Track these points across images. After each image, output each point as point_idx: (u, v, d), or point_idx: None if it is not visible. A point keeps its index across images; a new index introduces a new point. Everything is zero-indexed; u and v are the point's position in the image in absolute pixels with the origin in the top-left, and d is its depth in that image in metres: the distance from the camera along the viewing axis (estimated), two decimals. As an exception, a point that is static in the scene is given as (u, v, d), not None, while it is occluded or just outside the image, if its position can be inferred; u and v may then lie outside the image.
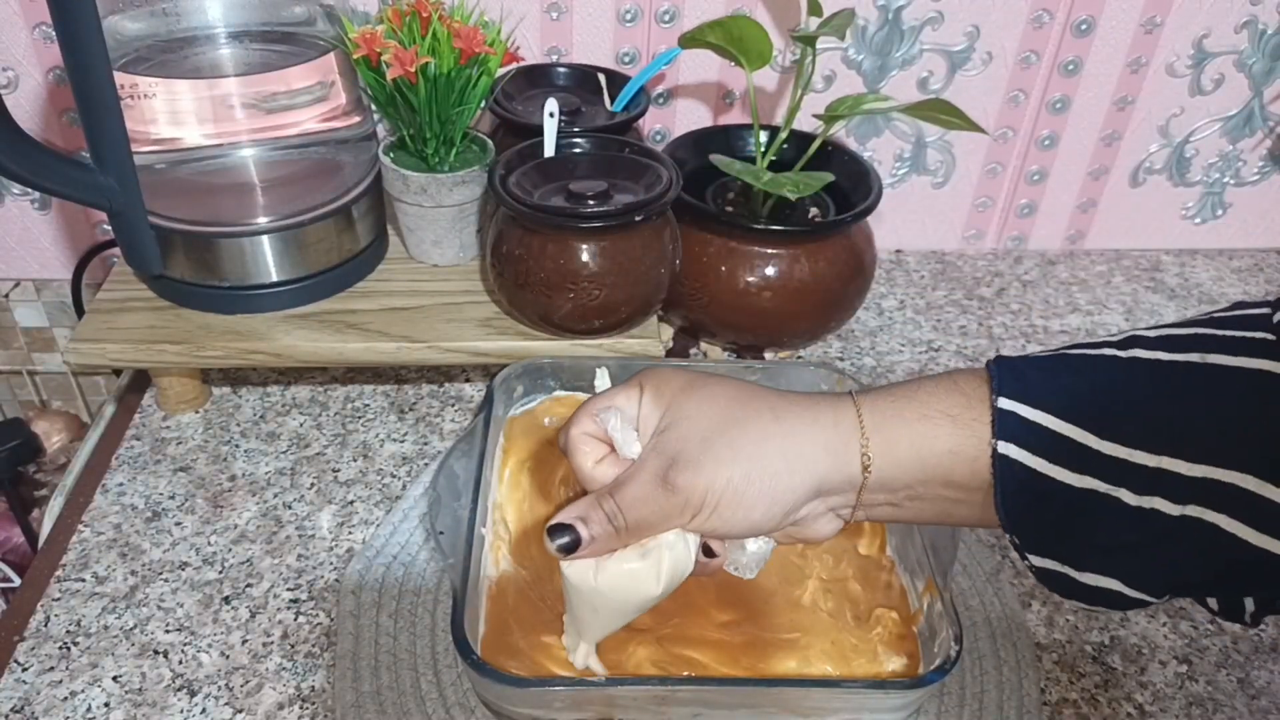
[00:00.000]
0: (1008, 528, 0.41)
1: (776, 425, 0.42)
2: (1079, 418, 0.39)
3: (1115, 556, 0.40)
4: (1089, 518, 0.40)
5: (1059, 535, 0.41)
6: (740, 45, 0.68)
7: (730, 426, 0.42)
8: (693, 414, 0.43)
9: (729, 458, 0.41)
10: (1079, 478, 0.39)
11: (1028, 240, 0.98)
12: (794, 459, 0.42)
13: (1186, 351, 0.39)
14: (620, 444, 0.44)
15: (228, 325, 0.68)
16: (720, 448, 0.41)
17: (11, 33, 0.77)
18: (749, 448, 0.41)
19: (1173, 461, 0.38)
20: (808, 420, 0.42)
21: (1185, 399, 0.38)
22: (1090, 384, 0.40)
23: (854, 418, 0.42)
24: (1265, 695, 0.57)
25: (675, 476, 0.41)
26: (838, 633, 0.54)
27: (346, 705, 0.53)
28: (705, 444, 0.42)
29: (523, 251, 0.65)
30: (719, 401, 0.43)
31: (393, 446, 0.71)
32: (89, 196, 0.63)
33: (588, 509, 0.43)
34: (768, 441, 0.42)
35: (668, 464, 0.42)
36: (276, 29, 0.68)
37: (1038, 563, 0.41)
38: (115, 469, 0.68)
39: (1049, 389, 0.40)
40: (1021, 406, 0.40)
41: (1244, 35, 0.85)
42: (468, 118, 0.69)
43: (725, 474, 0.41)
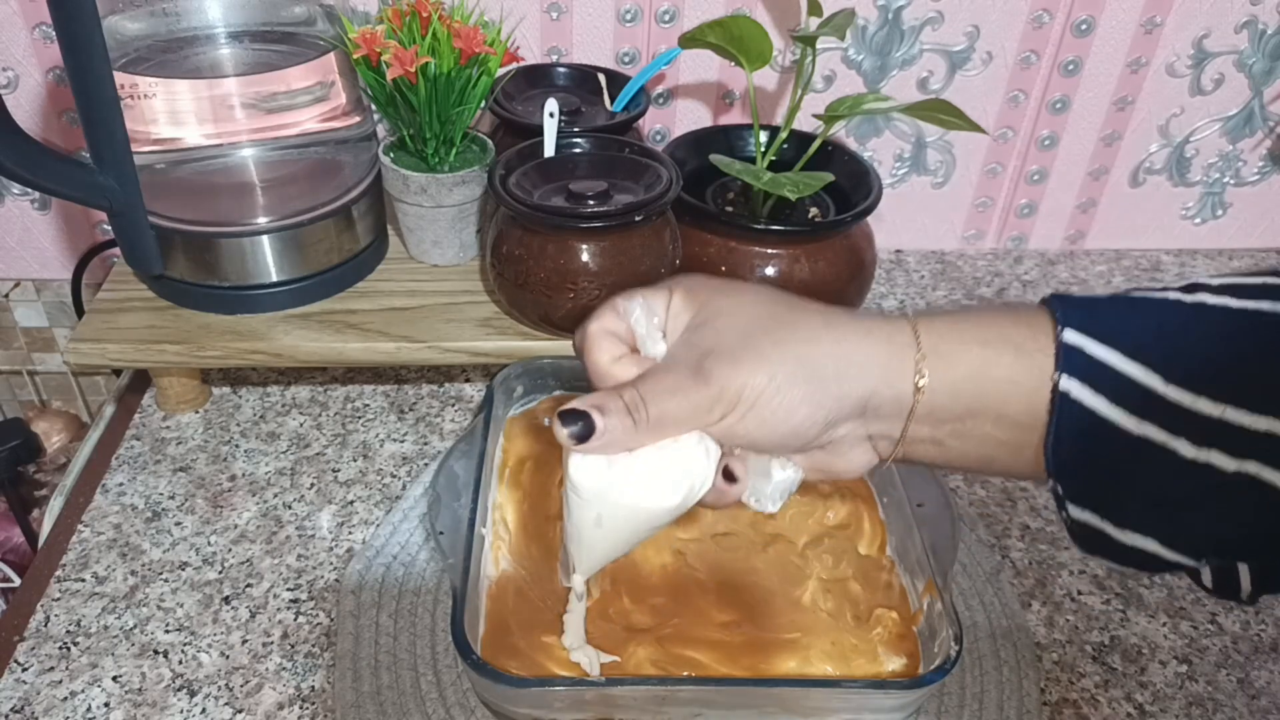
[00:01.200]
0: (1053, 472, 0.39)
1: (827, 331, 0.39)
2: (1146, 357, 0.37)
3: (1159, 512, 0.38)
4: (1140, 469, 0.38)
5: (1105, 485, 0.39)
6: (740, 45, 0.68)
7: (776, 325, 0.39)
8: (733, 310, 0.40)
9: (774, 355, 0.38)
10: (1139, 423, 0.37)
11: (1028, 240, 0.98)
12: (844, 365, 0.39)
13: (1256, 299, 0.37)
14: (643, 339, 0.41)
15: (228, 325, 0.68)
16: (764, 344, 0.39)
17: (11, 33, 0.77)
18: (797, 346, 0.39)
19: (1236, 412, 0.36)
20: (861, 331, 0.39)
21: (1254, 347, 0.36)
22: (1157, 325, 0.38)
23: (910, 334, 0.39)
24: (1265, 695, 0.57)
25: (712, 366, 0.38)
26: (838, 633, 0.54)
27: (346, 705, 0.53)
28: (746, 339, 0.39)
29: (523, 251, 0.65)
30: (762, 302, 0.40)
31: (393, 446, 0.71)
32: (89, 196, 0.63)
33: (605, 397, 0.40)
34: (817, 344, 0.39)
35: (702, 355, 0.39)
36: (276, 29, 0.68)
37: (1076, 514, 0.39)
38: (115, 469, 0.68)
39: (1117, 326, 0.38)
40: (1089, 341, 0.37)
41: (1244, 35, 0.85)
42: (468, 118, 0.69)
43: (768, 370, 0.38)
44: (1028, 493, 0.69)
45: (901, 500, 0.59)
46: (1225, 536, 0.38)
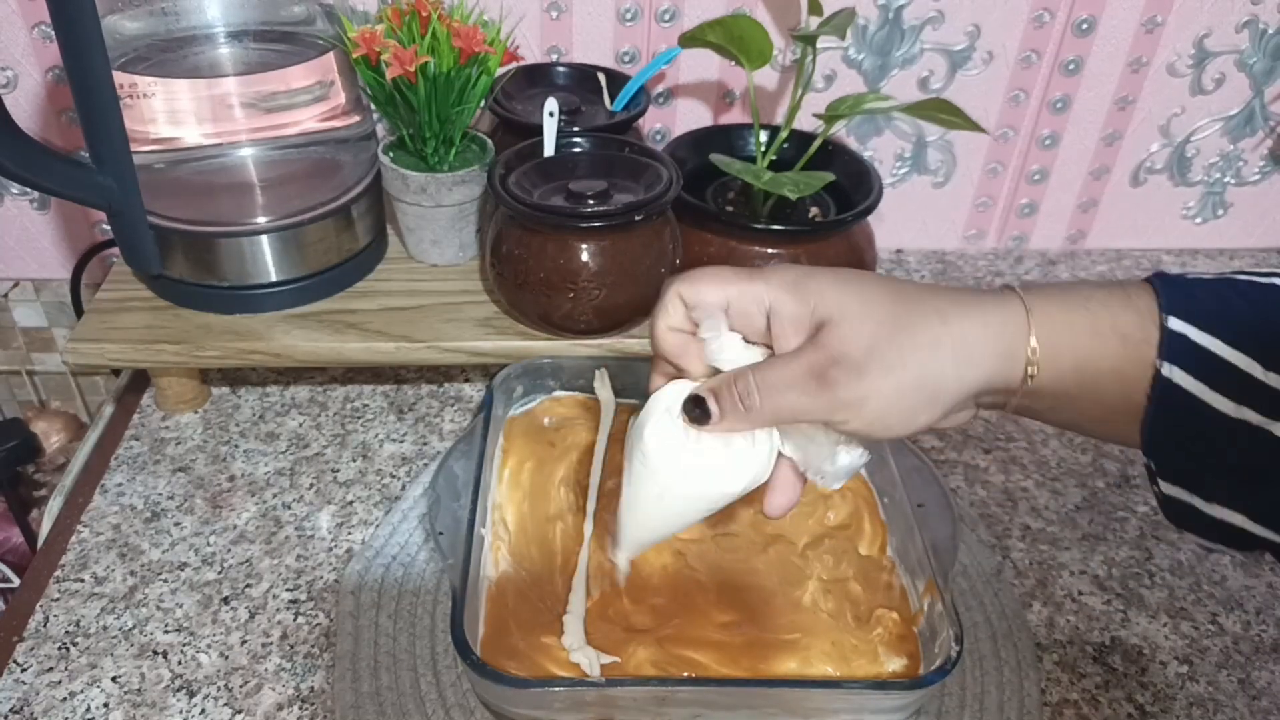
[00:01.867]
0: (1147, 451, 0.40)
1: (945, 329, 0.40)
2: (1247, 345, 0.38)
3: (1250, 487, 0.39)
4: (1235, 448, 0.39)
5: (1199, 463, 0.40)
6: (740, 45, 0.68)
7: (898, 332, 0.40)
8: (856, 314, 0.40)
9: (898, 364, 0.39)
10: (1236, 407, 0.38)
11: (1028, 240, 0.98)
12: (964, 364, 0.40)
13: None
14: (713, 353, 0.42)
15: (227, 325, 0.68)
16: (890, 354, 0.39)
17: (10, 32, 0.77)
18: (919, 353, 0.40)
19: None
20: (978, 323, 0.40)
21: None
22: (1260, 311, 0.39)
23: (1024, 321, 0.40)
24: (1266, 696, 0.57)
25: (838, 375, 0.39)
26: (838, 633, 0.54)
27: (346, 706, 0.53)
28: (872, 348, 0.39)
29: (522, 251, 0.65)
30: (882, 303, 0.40)
31: (392, 447, 0.71)
32: (88, 196, 0.63)
33: (720, 383, 0.41)
34: (939, 348, 0.40)
35: (829, 362, 0.39)
36: (276, 28, 0.68)
37: (1168, 490, 0.41)
38: (114, 469, 0.68)
39: (1219, 312, 0.39)
40: (1191, 329, 0.39)
41: (1245, 35, 0.85)
42: (467, 117, 0.69)
43: (894, 380, 0.39)
44: (1028, 493, 0.69)
45: (902, 500, 0.59)
46: None
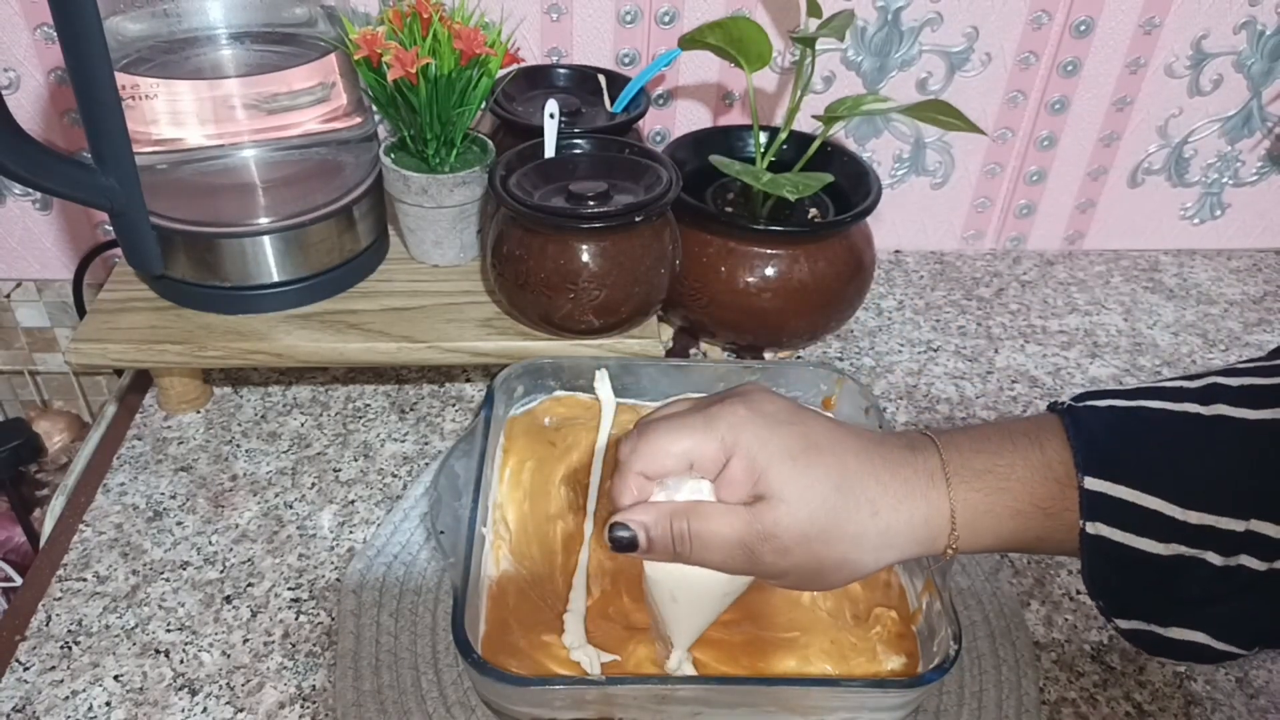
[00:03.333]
0: (1093, 594, 0.42)
1: (873, 522, 0.42)
2: (1164, 490, 0.40)
3: (1201, 610, 0.40)
4: (1175, 579, 0.40)
5: (1145, 598, 0.41)
6: (740, 46, 0.68)
7: (830, 524, 0.42)
8: (795, 499, 0.42)
9: (823, 552, 0.42)
10: (1166, 546, 0.40)
11: (1026, 241, 0.98)
12: (884, 552, 0.43)
13: (1272, 407, 0.39)
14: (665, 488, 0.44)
15: (229, 325, 0.68)
16: (815, 544, 0.42)
17: (13, 33, 0.77)
18: (844, 544, 0.42)
19: (1260, 524, 0.38)
20: (905, 517, 0.42)
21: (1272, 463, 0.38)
22: (1174, 453, 0.40)
23: (947, 514, 0.42)
24: (1264, 694, 0.57)
25: (764, 552, 0.42)
26: (837, 632, 0.54)
27: (347, 704, 0.53)
28: (802, 537, 0.42)
29: (523, 252, 0.65)
30: (821, 490, 0.42)
31: (393, 446, 0.71)
32: (90, 197, 0.63)
33: (657, 520, 0.43)
34: (863, 540, 0.42)
35: (760, 539, 0.42)
36: (277, 30, 0.68)
37: (1125, 625, 0.42)
38: (117, 469, 0.68)
39: (1132, 461, 0.40)
40: (1108, 484, 0.40)
41: (1242, 36, 0.86)
42: (468, 119, 0.69)
43: (817, 562, 0.42)
44: (1027, 492, 0.69)
45: (901, 500, 0.59)
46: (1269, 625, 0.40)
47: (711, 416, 0.43)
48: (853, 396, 0.67)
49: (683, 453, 0.43)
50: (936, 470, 0.43)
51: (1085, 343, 0.86)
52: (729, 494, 0.43)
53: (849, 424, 0.45)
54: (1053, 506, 0.41)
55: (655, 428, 0.43)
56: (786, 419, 0.43)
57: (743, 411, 0.43)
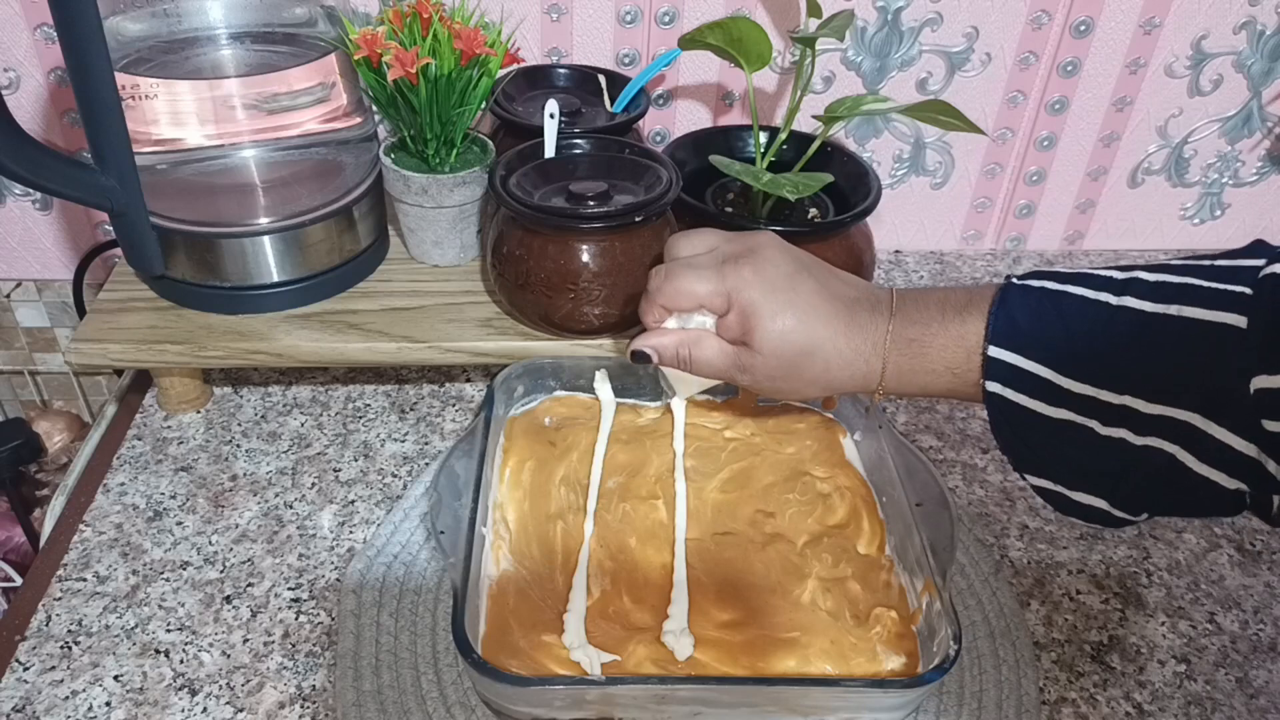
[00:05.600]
0: (1001, 448, 0.51)
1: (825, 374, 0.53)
2: (1055, 362, 0.47)
3: (1096, 477, 0.48)
4: (1068, 442, 0.48)
5: (1045, 456, 0.49)
6: (740, 46, 0.68)
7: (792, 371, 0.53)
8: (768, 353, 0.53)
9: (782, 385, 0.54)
10: (1054, 409, 0.48)
11: (1026, 241, 0.98)
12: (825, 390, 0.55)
13: (1169, 302, 0.45)
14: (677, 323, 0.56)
15: (229, 325, 0.68)
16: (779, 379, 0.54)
17: (13, 33, 0.77)
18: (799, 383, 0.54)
19: (1134, 400, 0.45)
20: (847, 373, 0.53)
21: (1153, 348, 0.45)
22: (1073, 332, 0.47)
23: (879, 372, 0.52)
24: (1264, 694, 0.57)
25: (740, 377, 0.55)
26: (837, 632, 0.54)
27: (347, 704, 0.53)
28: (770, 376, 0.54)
29: (523, 252, 0.65)
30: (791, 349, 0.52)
31: (394, 446, 0.71)
32: (90, 197, 0.63)
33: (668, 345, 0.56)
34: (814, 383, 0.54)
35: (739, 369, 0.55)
36: (277, 30, 0.68)
37: (1033, 481, 0.51)
38: (117, 469, 0.68)
39: (1034, 337, 0.48)
40: (1008, 354, 0.49)
41: (1242, 36, 0.86)
42: (468, 119, 0.69)
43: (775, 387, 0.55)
44: (1026, 492, 0.69)
45: (900, 500, 0.59)
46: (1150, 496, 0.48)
47: (724, 273, 0.53)
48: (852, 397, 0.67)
49: (696, 296, 0.54)
50: (880, 339, 0.52)
51: (1085, 343, 0.86)
52: (724, 332, 0.55)
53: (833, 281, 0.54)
54: (960, 370, 0.51)
55: (680, 272, 0.54)
56: (783, 285, 0.53)
57: (749, 275, 0.53)
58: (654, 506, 0.61)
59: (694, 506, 0.61)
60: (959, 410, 0.77)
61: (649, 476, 0.63)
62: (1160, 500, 0.48)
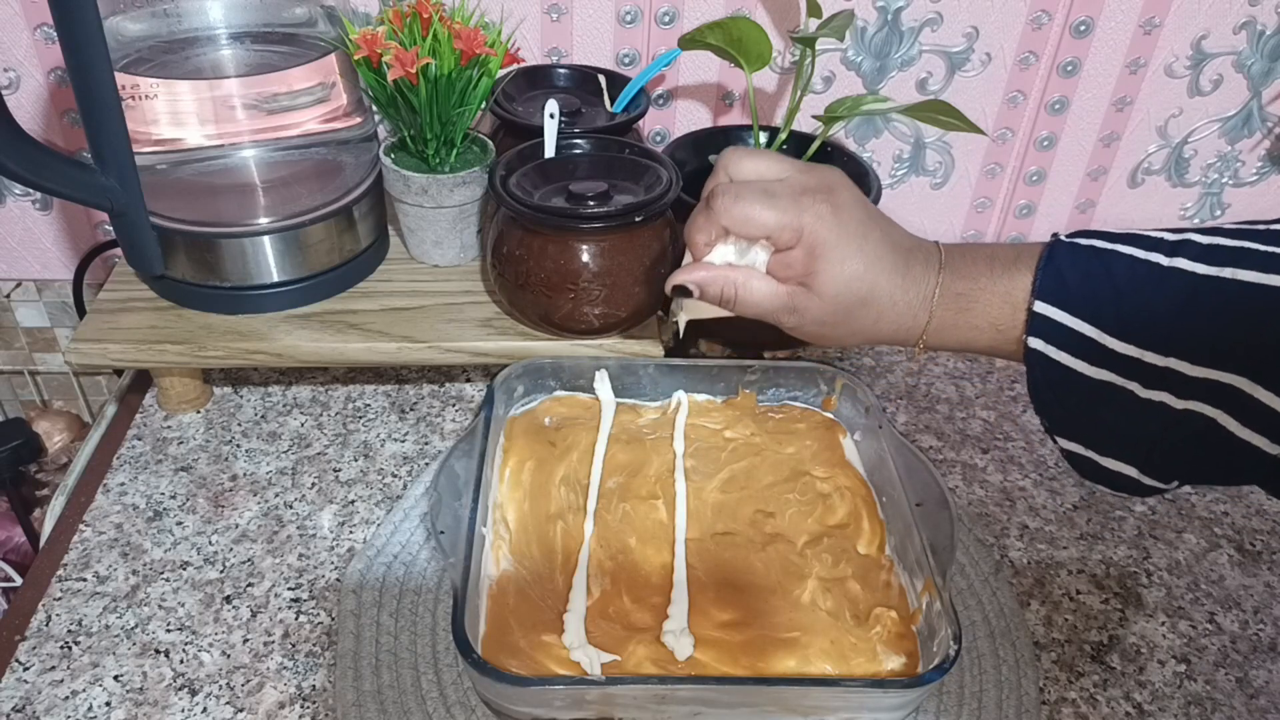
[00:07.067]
0: (1037, 409, 0.50)
1: (874, 327, 0.52)
2: (1100, 320, 0.46)
3: (1130, 442, 0.47)
4: (1106, 405, 0.47)
5: (1081, 419, 0.48)
6: (740, 46, 0.68)
7: (843, 320, 0.52)
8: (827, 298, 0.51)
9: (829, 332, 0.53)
10: (1096, 370, 0.46)
11: (1026, 241, 0.98)
12: (869, 340, 0.54)
13: (1223, 265, 0.44)
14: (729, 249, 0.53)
15: (229, 325, 0.68)
16: (827, 327, 0.52)
17: (13, 33, 0.77)
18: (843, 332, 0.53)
19: (1179, 363, 0.44)
20: (893, 326, 0.52)
21: (1203, 311, 0.44)
22: (1121, 291, 0.46)
23: (923, 325, 0.52)
24: (1264, 694, 0.57)
25: (786, 320, 0.53)
26: (837, 632, 0.54)
27: (347, 704, 0.53)
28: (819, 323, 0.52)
29: (523, 252, 0.65)
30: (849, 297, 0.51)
31: (393, 446, 0.71)
32: (90, 197, 0.63)
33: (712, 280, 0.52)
34: (859, 334, 0.53)
35: (788, 311, 0.52)
36: (277, 30, 0.68)
37: (1064, 445, 0.50)
38: (117, 469, 0.68)
39: (1081, 294, 0.47)
40: (1054, 310, 0.48)
41: (1242, 36, 0.86)
42: (468, 119, 0.69)
43: (819, 335, 0.53)
44: (1026, 492, 0.70)
45: (900, 499, 0.59)
46: (1187, 462, 0.47)
47: (801, 206, 0.50)
48: (852, 397, 0.67)
49: (765, 226, 0.50)
50: (930, 293, 0.51)
51: (1085, 343, 0.86)
52: (781, 268, 0.52)
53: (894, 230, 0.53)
54: (1005, 326, 0.50)
55: (752, 195, 0.50)
56: (856, 230, 0.50)
57: (827, 212, 0.50)
58: (654, 506, 0.61)
59: (694, 506, 0.61)
60: (959, 410, 0.77)
61: (649, 476, 0.63)
62: (1196, 467, 0.47)
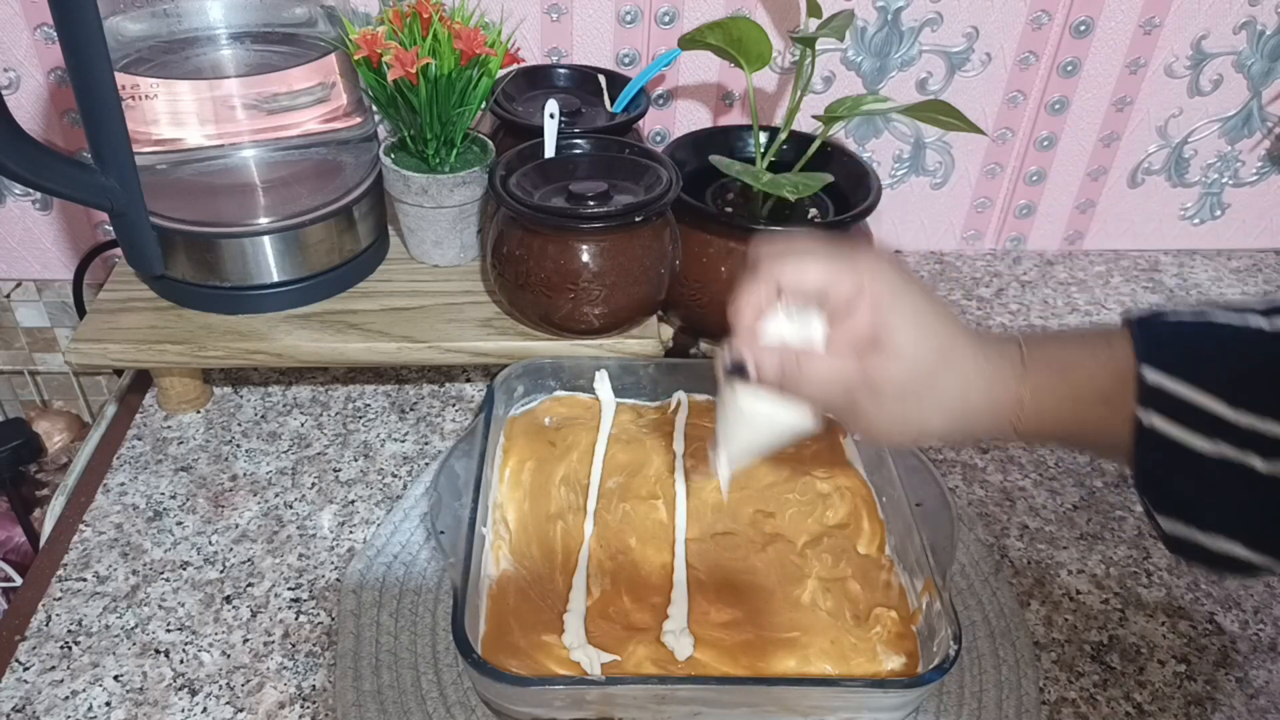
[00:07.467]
0: (1140, 488, 0.44)
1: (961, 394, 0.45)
2: (1218, 389, 0.41)
3: (1240, 517, 0.42)
4: (1218, 480, 0.42)
5: (1188, 497, 0.43)
6: (740, 46, 0.68)
7: (926, 386, 0.44)
8: (906, 357, 0.44)
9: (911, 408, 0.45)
10: (1213, 444, 0.41)
11: (1026, 241, 0.98)
12: (957, 423, 0.46)
13: None
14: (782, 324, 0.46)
15: (229, 325, 0.68)
16: (910, 400, 0.45)
17: (13, 33, 0.77)
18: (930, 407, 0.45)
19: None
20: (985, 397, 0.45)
21: None
22: (1232, 358, 0.42)
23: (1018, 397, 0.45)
24: (1264, 694, 0.57)
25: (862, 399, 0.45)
26: (837, 632, 0.54)
27: (347, 704, 0.53)
28: (900, 394, 0.44)
29: (523, 252, 0.65)
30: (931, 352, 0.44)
31: (393, 446, 0.71)
32: (90, 197, 0.63)
33: (768, 355, 0.45)
34: (947, 407, 0.45)
35: (863, 385, 0.44)
36: (277, 30, 0.68)
37: (1166, 526, 0.44)
38: (117, 469, 0.68)
39: (1190, 358, 0.42)
40: (1164, 377, 0.42)
41: (1242, 36, 0.86)
42: (468, 119, 0.69)
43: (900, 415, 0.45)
44: (1026, 492, 0.70)
45: (900, 500, 0.59)
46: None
47: (856, 259, 0.45)
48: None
49: (821, 279, 0.44)
50: (1017, 358, 0.45)
51: (1085, 343, 0.86)
52: (846, 333, 0.45)
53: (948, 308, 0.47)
54: (1113, 396, 0.43)
55: (803, 250, 0.45)
56: (915, 282, 0.45)
57: (884, 264, 0.45)
58: (654, 506, 0.61)
59: (694, 506, 0.61)
60: (959, 410, 0.77)
61: (649, 476, 0.63)
62: None
